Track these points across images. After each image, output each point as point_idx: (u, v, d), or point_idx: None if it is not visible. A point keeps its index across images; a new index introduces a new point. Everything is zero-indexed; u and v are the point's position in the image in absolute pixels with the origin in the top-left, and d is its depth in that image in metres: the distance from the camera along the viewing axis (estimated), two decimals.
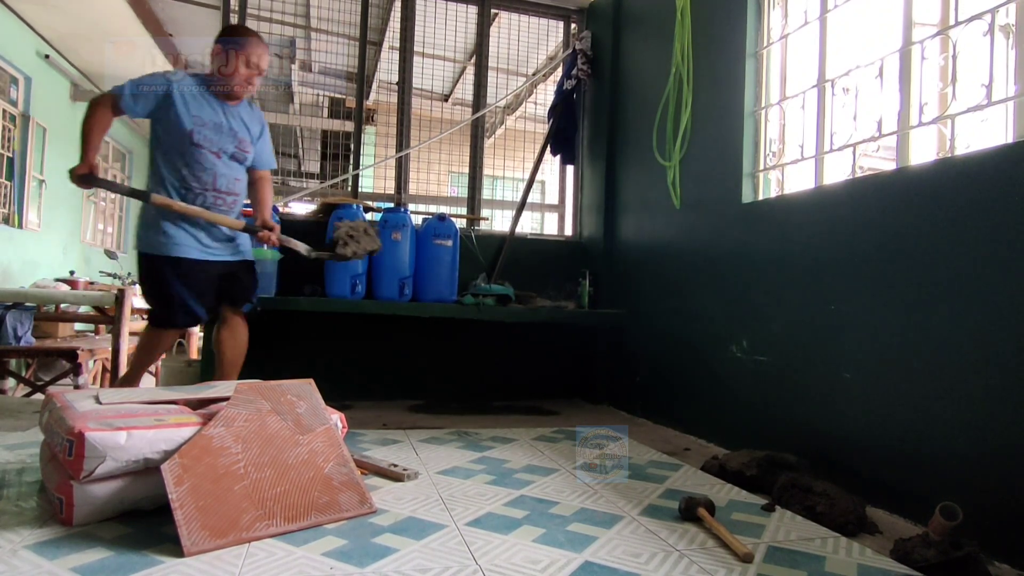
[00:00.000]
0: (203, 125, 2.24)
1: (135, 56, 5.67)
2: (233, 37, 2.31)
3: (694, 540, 1.42)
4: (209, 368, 2.72)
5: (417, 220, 3.23)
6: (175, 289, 2.21)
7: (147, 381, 4.50)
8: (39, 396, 3.51)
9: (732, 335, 2.40)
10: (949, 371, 1.58)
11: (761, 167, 2.43)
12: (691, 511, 1.53)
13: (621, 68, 3.51)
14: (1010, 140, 1.57)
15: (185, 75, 2.28)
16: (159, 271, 2.20)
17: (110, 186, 2.36)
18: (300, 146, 6.23)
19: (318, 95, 5.06)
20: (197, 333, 5.29)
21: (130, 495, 1.38)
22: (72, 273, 4.98)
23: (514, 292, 3.20)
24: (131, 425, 1.37)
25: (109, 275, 5.79)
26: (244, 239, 2.42)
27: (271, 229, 2.36)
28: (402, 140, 3.62)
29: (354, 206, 3.04)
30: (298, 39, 4.64)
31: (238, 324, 2.39)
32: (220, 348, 2.37)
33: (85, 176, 2.12)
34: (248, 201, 2.45)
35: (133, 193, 2.23)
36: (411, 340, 3.35)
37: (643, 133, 3.13)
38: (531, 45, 4.17)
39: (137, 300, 3.91)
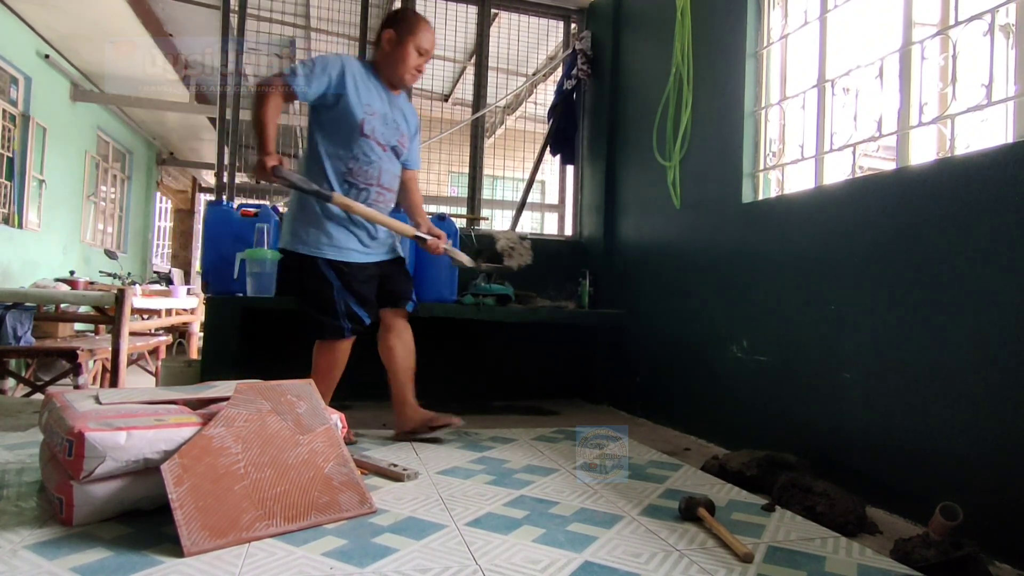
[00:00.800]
0: (372, 114, 2.09)
1: (135, 56, 5.68)
2: (405, 21, 2.16)
3: (694, 540, 1.42)
4: (209, 368, 2.72)
5: None
6: (339, 294, 2.08)
7: (147, 381, 4.50)
8: (39, 396, 3.51)
9: (732, 335, 2.40)
10: (949, 371, 1.58)
11: (761, 167, 2.43)
12: (691, 511, 1.53)
13: (621, 68, 3.51)
14: (1010, 140, 1.57)
15: (356, 59, 2.15)
16: (320, 274, 2.07)
17: (293, 182, 2.02)
18: (300, 146, 6.23)
19: None
20: (197, 333, 5.30)
21: (130, 495, 1.38)
22: (72, 273, 4.98)
23: (514, 292, 3.20)
24: (131, 425, 1.37)
25: (109, 275, 5.79)
26: (395, 236, 2.29)
27: (438, 236, 2.23)
28: None
29: None
30: (298, 39, 4.64)
31: (403, 327, 2.28)
32: (391, 356, 2.25)
33: (275, 168, 1.94)
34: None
35: (315, 192, 2.03)
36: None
37: (643, 133, 3.13)
38: (531, 45, 4.17)
39: (137, 300, 3.92)
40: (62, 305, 4.21)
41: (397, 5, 3.88)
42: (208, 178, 10.06)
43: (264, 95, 1.99)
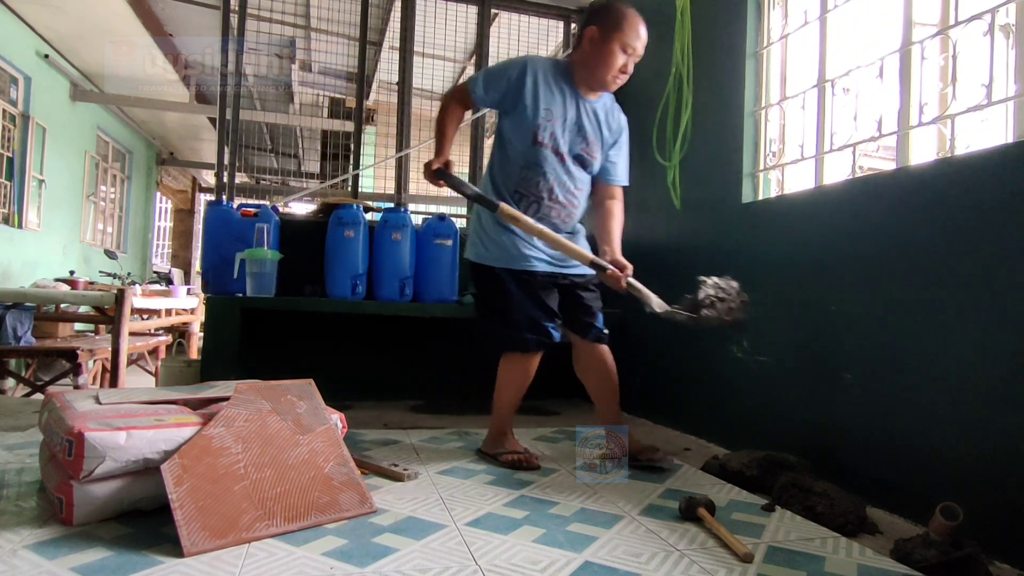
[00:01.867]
0: (551, 120, 1.90)
1: (135, 56, 5.68)
2: (611, 16, 1.87)
3: (694, 540, 1.42)
4: (209, 368, 2.72)
5: (417, 220, 3.23)
6: (519, 305, 1.95)
7: (147, 381, 4.50)
8: (39, 396, 3.51)
9: (732, 335, 2.40)
10: (949, 371, 1.58)
11: (761, 167, 2.43)
12: (691, 511, 1.53)
13: None
14: (1010, 140, 1.57)
15: (544, 60, 1.97)
16: (500, 285, 1.96)
17: (460, 186, 1.93)
18: (300, 146, 6.24)
19: (318, 95, 5.06)
20: (197, 333, 5.30)
21: (130, 495, 1.38)
22: (72, 273, 4.98)
23: None
24: (131, 425, 1.37)
25: (109, 275, 5.79)
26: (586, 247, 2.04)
27: (622, 269, 1.85)
28: (402, 140, 3.62)
29: (354, 206, 3.04)
30: (298, 39, 4.65)
31: (597, 352, 2.07)
32: (582, 378, 2.11)
33: (440, 171, 1.87)
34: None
35: (480, 199, 1.91)
36: (411, 340, 3.35)
37: (643, 133, 3.13)
38: (531, 45, 4.17)
39: (137, 300, 3.92)
40: (62, 305, 4.21)
41: (397, 5, 3.88)
42: (208, 178, 10.06)
43: (447, 101, 1.98)
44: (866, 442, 1.80)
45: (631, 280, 1.86)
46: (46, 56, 5.51)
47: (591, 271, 1.95)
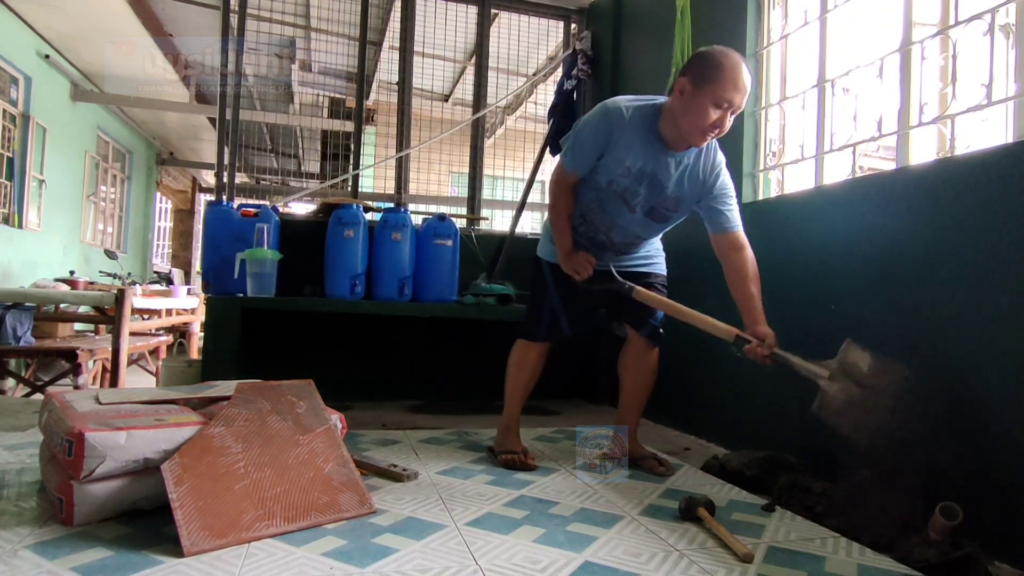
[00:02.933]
0: (626, 175, 1.79)
1: (135, 56, 5.68)
2: (705, 67, 1.65)
3: (694, 540, 1.42)
4: (209, 368, 2.72)
5: (417, 220, 3.23)
6: (549, 297, 2.02)
7: (147, 381, 4.50)
8: (39, 396, 3.51)
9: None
10: (949, 371, 1.58)
11: (761, 167, 2.43)
12: (691, 511, 1.53)
13: (621, 68, 3.50)
14: (1010, 140, 1.57)
15: (628, 107, 1.76)
16: (541, 275, 2.05)
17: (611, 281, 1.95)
18: (300, 146, 6.24)
19: (318, 95, 5.06)
20: (197, 333, 5.30)
21: (130, 495, 1.38)
22: (72, 273, 4.98)
23: (515, 292, 3.19)
24: (131, 425, 1.37)
25: (109, 275, 5.79)
26: (660, 257, 2.06)
27: (763, 338, 1.68)
28: (402, 140, 3.62)
29: (354, 206, 3.04)
30: (298, 39, 4.64)
31: (643, 348, 2.07)
32: (621, 372, 2.13)
33: (569, 252, 1.91)
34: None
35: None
36: (411, 340, 3.35)
37: None
38: (531, 45, 4.17)
39: (137, 300, 3.92)
40: (62, 305, 4.21)
41: (397, 5, 3.88)
42: (208, 178, 10.06)
43: (554, 193, 1.91)
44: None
45: (776, 351, 1.67)
46: (46, 56, 5.51)
47: (657, 270, 2.04)
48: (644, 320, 2.05)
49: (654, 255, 2.10)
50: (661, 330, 2.10)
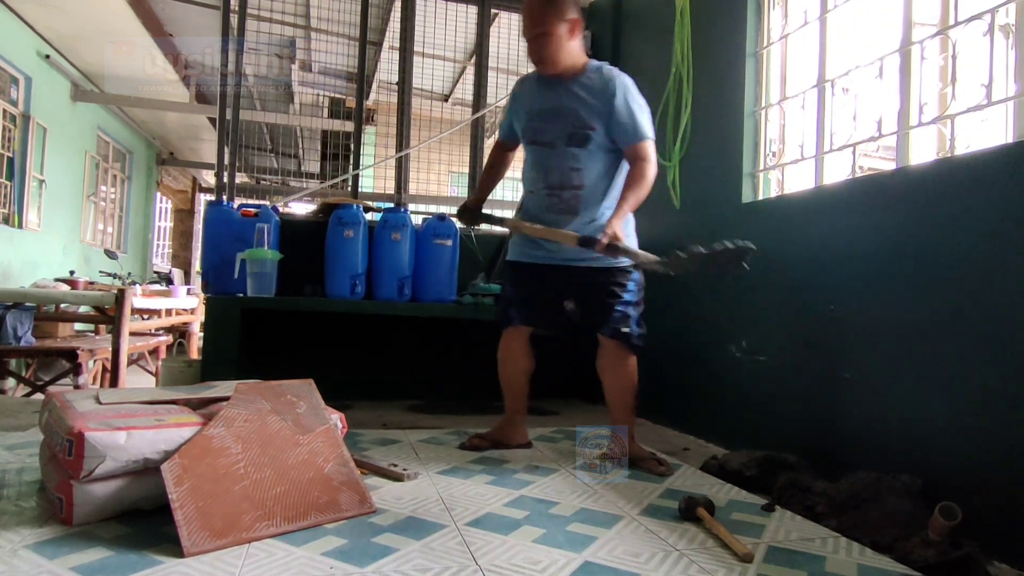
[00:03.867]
0: (535, 117, 2.03)
1: (135, 56, 5.68)
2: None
3: (694, 540, 1.42)
4: (209, 368, 2.72)
5: (417, 220, 3.23)
6: (504, 287, 2.30)
7: (147, 381, 4.50)
8: (39, 396, 3.51)
9: (732, 335, 2.40)
10: (949, 371, 1.58)
11: (761, 167, 2.43)
12: (691, 511, 1.53)
13: (621, 68, 3.49)
14: (1010, 140, 1.57)
15: (528, 75, 2.14)
16: (507, 270, 2.27)
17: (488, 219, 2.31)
18: (300, 146, 6.24)
19: (318, 95, 5.06)
20: (197, 333, 5.30)
21: (130, 495, 1.38)
22: (72, 273, 4.98)
23: None
24: (131, 425, 1.37)
25: (109, 275, 5.79)
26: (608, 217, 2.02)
27: (605, 231, 1.82)
28: (402, 140, 3.62)
29: (354, 206, 3.04)
30: (298, 39, 4.65)
31: (611, 351, 2.06)
32: (599, 375, 2.14)
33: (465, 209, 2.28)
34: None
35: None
36: (411, 340, 3.35)
37: None
38: None
39: (137, 300, 3.92)
40: (62, 305, 4.21)
41: (397, 5, 3.88)
42: (208, 178, 10.06)
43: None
44: (866, 442, 1.80)
45: (615, 244, 1.82)
46: (46, 56, 5.51)
47: (602, 263, 1.99)
48: (598, 319, 2.04)
49: (604, 213, 2.03)
50: (634, 334, 2.04)
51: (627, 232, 2.03)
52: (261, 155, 6.33)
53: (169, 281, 6.28)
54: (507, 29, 4.02)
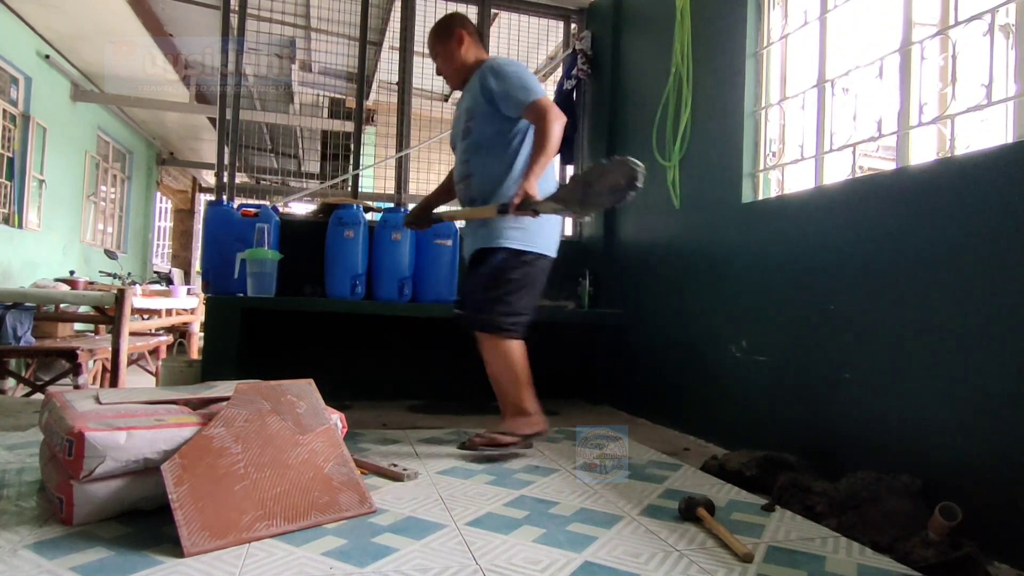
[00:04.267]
0: (455, 117, 2.32)
1: (135, 56, 5.68)
2: None
3: (694, 540, 1.42)
4: (209, 368, 2.72)
5: None
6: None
7: (147, 381, 4.50)
8: (39, 396, 3.51)
9: (732, 335, 2.40)
10: (949, 371, 1.58)
11: (761, 167, 2.43)
12: (691, 511, 1.53)
13: (621, 68, 3.51)
14: (1010, 140, 1.57)
15: None
16: None
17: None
18: (300, 146, 6.24)
19: (318, 95, 5.06)
20: (197, 333, 5.30)
21: (130, 495, 1.38)
22: (72, 273, 4.98)
23: None
24: (131, 425, 1.37)
25: (109, 275, 5.79)
26: (495, 222, 2.09)
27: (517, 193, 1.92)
28: (402, 140, 3.62)
29: (354, 206, 3.04)
30: (298, 39, 4.64)
31: (480, 338, 2.10)
32: None
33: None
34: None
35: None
36: (411, 340, 3.35)
37: (643, 133, 3.13)
38: (531, 45, 4.16)
39: (137, 300, 3.92)
40: (62, 305, 4.21)
41: (397, 5, 3.88)
42: (208, 178, 10.06)
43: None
44: (866, 442, 1.80)
45: (526, 202, 1.90)
46: (46, 56, 5.51)
47: (486, 242, 2.11)
48: (463, 302, 2.16)
49: (511, 187, 2.14)
50: (462, 312, 2.13)
51: (544, 190, 2.02)
52: (261, 155, 6.33)
53: (169, 281, 6.28)
54: (507, 29, 4.02)
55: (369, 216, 3.29)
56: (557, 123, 2.01)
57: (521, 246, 2.09)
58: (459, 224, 3.05)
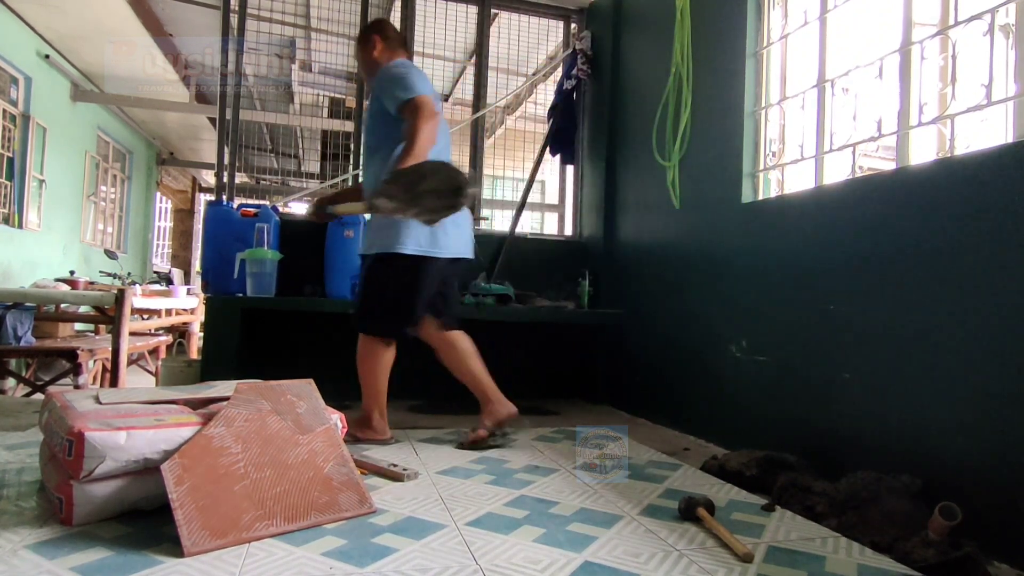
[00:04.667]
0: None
1: (135, 56, 5.68)
2: None
3: (694, 540, 1.42)
4: (209, 368, 2.72)
5: None
6: None
7: (147, 381, 4.50)
8: (39, 396, 3.51)
9: (732, 335, 2.40)
10: (949, 371, 1.58)
11: (761, 167, 2.43)
12: (691, 511, 1.53)
13: (621, 68, 3.51)
14: (1010, 140, 1.57)
15: None
16: None
17: None
18: (300, 146, 6.23)
19: (318, 95, 5.05)
20: (197, 333, 5.30)
21: (130, 495, 1.38)
22: (72, 273, 4.98)
23: (514, 292, 3.19)
24: (131, 425, 1.37)
25: (109, 275, 5.79)
26: (384, 226, 2.14)
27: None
28: None
29: None
30: (298, 39, 4.64)
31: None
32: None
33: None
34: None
35: None
36: (411, 340, 3.34)
37: (643, 133, 3.13)
38: (531, 45, 4.16)
39: (137, 300, 3.92)
40: (62, 305, 4.21)
41: (397, 5, 3.88)
42: (208, 178, 10.06)
43: None
44: (865, 442, 1.80)
45: (372, 201, 1.77)
46: (46, 56, 5.51)
47: (373, 249, 2.19)
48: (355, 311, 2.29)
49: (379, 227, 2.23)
50: (359, 319, 2.26)
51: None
52: (261, 155, 6.33)
53: (169, 281, 6.28)
54: (507, 29, 4.02)
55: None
56: (426, 122, 1.97)
57: (402, 249, 2.13)
58: None
